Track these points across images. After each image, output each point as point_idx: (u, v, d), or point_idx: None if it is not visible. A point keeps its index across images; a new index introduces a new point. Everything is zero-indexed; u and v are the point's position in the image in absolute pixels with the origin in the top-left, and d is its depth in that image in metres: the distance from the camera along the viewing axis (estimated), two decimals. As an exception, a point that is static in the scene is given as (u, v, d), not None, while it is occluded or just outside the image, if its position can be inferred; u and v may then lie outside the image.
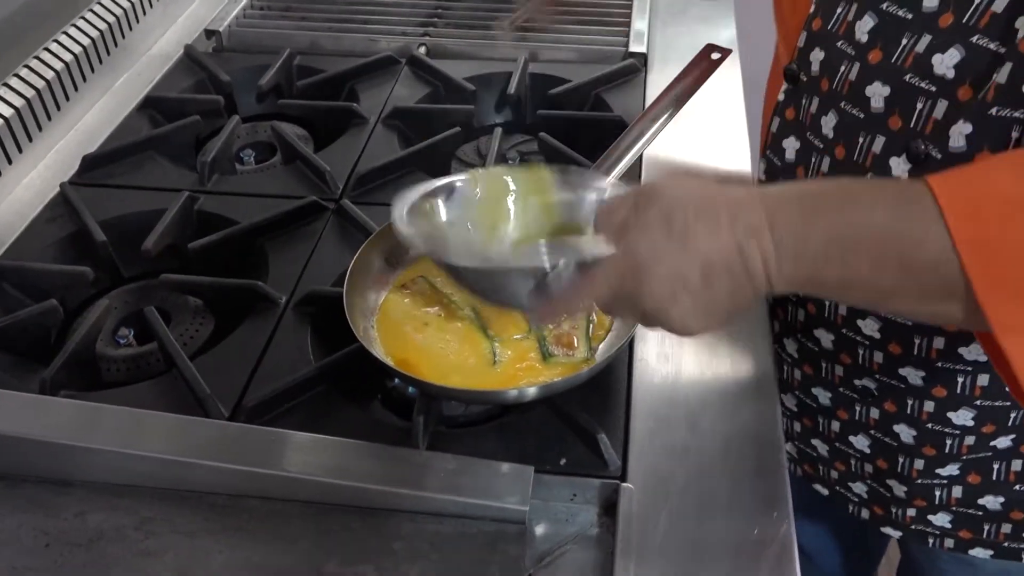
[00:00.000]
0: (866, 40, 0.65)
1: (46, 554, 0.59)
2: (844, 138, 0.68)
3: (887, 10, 0.63)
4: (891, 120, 0.65)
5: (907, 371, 0.73)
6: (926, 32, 0.61)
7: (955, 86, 0.60)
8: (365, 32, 1.18)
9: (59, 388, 0.71)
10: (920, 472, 0.78)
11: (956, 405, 0.73)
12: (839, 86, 0.67)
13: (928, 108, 0.62)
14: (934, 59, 0.61)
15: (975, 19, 0.59)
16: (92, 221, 0.86)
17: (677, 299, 0.50)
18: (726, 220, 0.49)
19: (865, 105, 0.66)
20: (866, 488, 0.84)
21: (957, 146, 0.61)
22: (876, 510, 0.85)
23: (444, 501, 0.60)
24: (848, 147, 0.68)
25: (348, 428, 0.66)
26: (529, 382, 0.67)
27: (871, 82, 0.65)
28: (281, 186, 0.92)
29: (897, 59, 0.63)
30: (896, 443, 0.78)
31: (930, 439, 0.76)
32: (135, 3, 1.13)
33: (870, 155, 0.66)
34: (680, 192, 0.51)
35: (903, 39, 0.62)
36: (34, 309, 0.78)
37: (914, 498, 0.81)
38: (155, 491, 0.63)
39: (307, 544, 0.60)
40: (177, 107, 1.04)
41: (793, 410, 0.86)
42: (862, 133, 0.67)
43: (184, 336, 0.80)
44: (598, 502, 0.63)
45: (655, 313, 0.52)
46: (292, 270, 0.81)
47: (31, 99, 0.95)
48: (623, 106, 1.02)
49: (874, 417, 0.78)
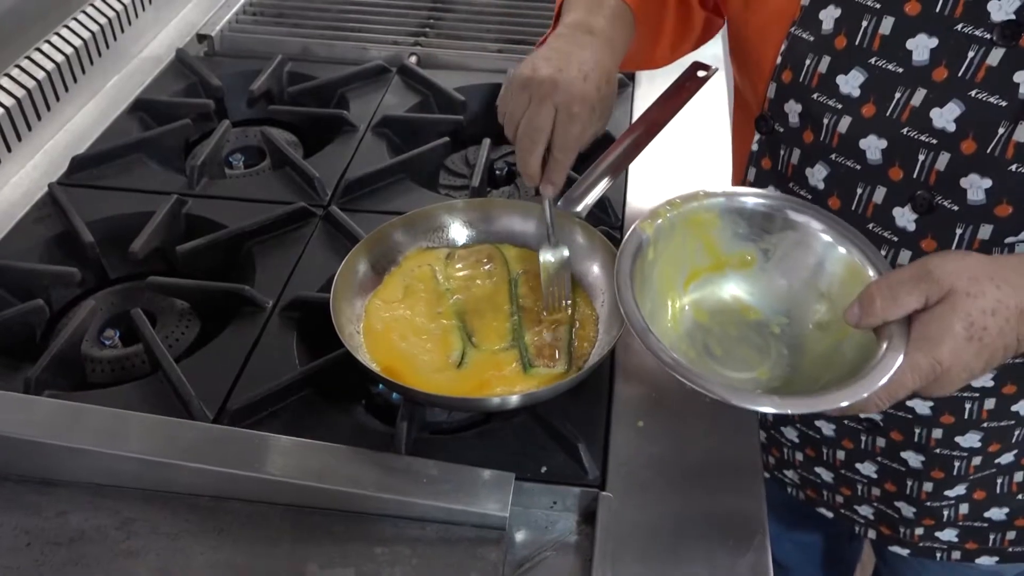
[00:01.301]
0: (858, 95, 0.64)
1: (27, 553, 0.59)
2: (839, 189, 0.68)
3: (876, 64, 0.63)
4: (891, 171, 0.65)
5: (914, 403, 0.73)
6: (920, 86, 0.61)
7: (958, 139, 0.61)
8: (357, 40, 1.19)
9: (44, 388, 0.71)
10: (929, 494, 0.79)
11: (964, 430, 0.73)
12: (827, 138, 0.67)
13: (931, 160, 0.62)
14: (932, 113, 0.61)
15: (970, 73, 0.59)
16: (80, 222, 0.86)
17: (958, 386, 0.54)
18: (1015, 320, 0.52)
19: (860, 157, 0.66)
20: (873, 510, 0.84)
21: (976, 199, 0.61)
22: (883, 530, 0.85)
23: (426, 506, 0.61)
24: (844, 198, 0.68)
25: (332, 432, 0.67)
26: (513, 389, 0.67)
27: (865, 135, 0.65)
28: (270, 191, 0.93)
29: (892, 113, 0.63)
30: (904, 468, 0.78)
31: (939, 463, 0.76)
32: (127, 6, 1.14)
33: (871, 205, 0.67)
34: (974, 289, 0.52)
35: (896, 93, 0.63)
36: (20, 308, 0.78)
37: (923, 518, 0.81)
38: (137, 492, 0.64)
39: (289, 547, 0.60)
40: (167, 110, 1.04)
41: (795, 441, 0.85)
42: (860, 184, 0.67)
43: (170, 338, 0.81)
44: (577, 510, 0.64)
45: (933, 395, 0.56)
46: (279, 275, 0.82)
47: (21, 99, 0.95)
48: (611, 120, 1.03)
49: (880, 445, 0.78)
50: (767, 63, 0.69)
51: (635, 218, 0.89)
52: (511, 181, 1.01)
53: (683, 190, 0.92)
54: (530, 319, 0.73)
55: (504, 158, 1.04)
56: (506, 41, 1.19)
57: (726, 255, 0.67)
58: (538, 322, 0.73)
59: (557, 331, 0.72)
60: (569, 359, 0.70)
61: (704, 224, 0.66)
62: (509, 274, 0.77)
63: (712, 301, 0.67)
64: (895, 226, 0.66)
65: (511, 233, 0.80)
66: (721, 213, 0.66)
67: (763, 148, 0.73)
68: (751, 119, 0.73)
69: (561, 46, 0.69)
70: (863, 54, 0.64)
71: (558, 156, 0.68)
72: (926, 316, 0.53)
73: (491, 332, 0.72)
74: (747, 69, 0.72)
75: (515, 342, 0.71)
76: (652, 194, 0.93)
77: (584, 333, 0.72)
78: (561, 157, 0.68)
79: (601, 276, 0.76)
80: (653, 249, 0.64)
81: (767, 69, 0.69)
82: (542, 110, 0.66)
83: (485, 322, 0.73)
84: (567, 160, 0.69)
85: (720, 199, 0.66)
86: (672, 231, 0.65)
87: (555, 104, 0.66)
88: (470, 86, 1.09)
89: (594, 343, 0.72)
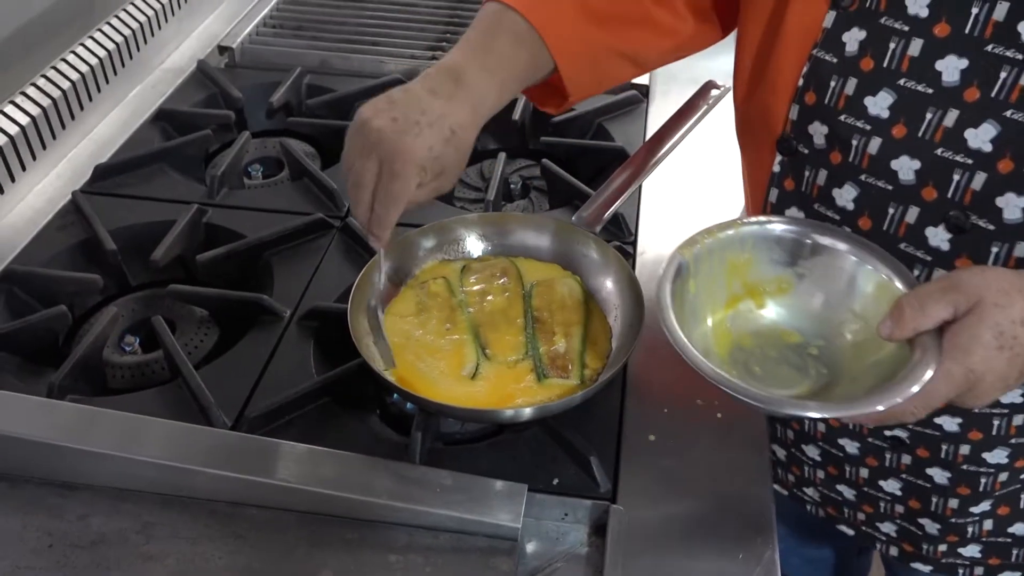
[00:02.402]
0: (887, 116, 0.64)
1: (49, 554, 0.61)
2: (869, 209, 0.68)
3: (905, 86, 0.63)
4: (924, 192, 0.64)
5: (943, 419, 0.73)
6: (952, 107, 0.61)
7: (994, 159, 0.61)
8: (374, 54, 1.21)
9: (66, 393, 0.73)
10: (955, 511, 0.79)
11: (991, 446, 0.74)
12: (856, 159, 0.67)
13: (965, 180, 0.62)
14: (967, 133, 0.61)
15: (1004, 94, 0.59)
16: (102, 230, 0.88)
17: (994, 395, 0.55)
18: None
19: (892, 178, 0.65)
20: (895, 527, 0.84)
21: (1013, 218, 0.62)
22: (906, 547, 0.85)
23: (439, 516, 0.62)
24: (875, 218, 0.68)
25: (347, 441, 0.68)
26: (525, 401, 0.68)
27: (897, 156, 0.64)
28: (288, 202, 0.95)
29: (925, 133, 0.63)
30: (930, 485, 0.78)
31: (965, 480, 0.76)
32: (151, 17, 1.16)
33: (903, 225, 0.67)
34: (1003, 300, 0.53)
35: (927, 114, 0.62)
36: (43, 314, 0.80)
37: (947, 535, 0.81)
38: (157, 496, 0.65)
39: (304, 553, 0.61)
40: (189, 121, 1.06)
41: (816, 459, 0.85)
42: (892, 204, 0.66)
43: (189, 346, 0.82)
44: (588, 522, 0.65)
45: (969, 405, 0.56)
46: (297, 285, 0.83)
47: (47, 108, 0.97)
48: (624, 136, 1.05)
49: (905, 462, 0.78)
50: (787, 85, 0.69)
51: (648, 234, 0.90)
52: (526, 195, 1.03)
53: (696, 207, 0.94)
54: (544, 331, 0.74)
55: (518, 172, 1.05)
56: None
57: (763, 281, 0.68)
58: (552, 333, 0.74)
59: (570, 343, 0.73)
60: (582, 371, 0.71)
61: (740, 252, 0.68)
62: (523, 287, 0.78)
63: (751, 325, 0.68)
64: (928, 246, 0.66)
65: (525, 247, 0.81)
66: (756, 241, 0.67)
67: (786, 169, 0.73)
68: (768, 140, 0.73)
69: (414, 91, 0.66)
70: (891, 75, 0.64)
71: (378, 211, 0.65)
72: (956, 327, 0.54)
73: (505, 344, 0.73)
74: (763, 91, 0.72)
75: (529, 353, 0.72)
76: (665, 210, 0.94)
77: (597, 347, 0.73)
78: (382, 212, 0.65)
79: (614, 291, 0.77)
80: (692, 274, 0.66)
81: (788, 91, 0.69)
82: (367, 163, 0.63)
83: (499, 334, 0.74)
84: (388, 215, 0.65)
85: (754, 227, 0.68)
86: (710, 257, 0.67)
87: (379, 158, 0.63)
88: (486, 100, 1.11)
89: (607, 357, 0.73)
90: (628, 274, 0.76)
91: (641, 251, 0.89)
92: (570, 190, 0.95)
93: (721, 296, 0.68)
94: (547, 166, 0.98)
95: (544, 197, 1.01)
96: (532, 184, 1.03)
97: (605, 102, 1.09)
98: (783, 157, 0.73)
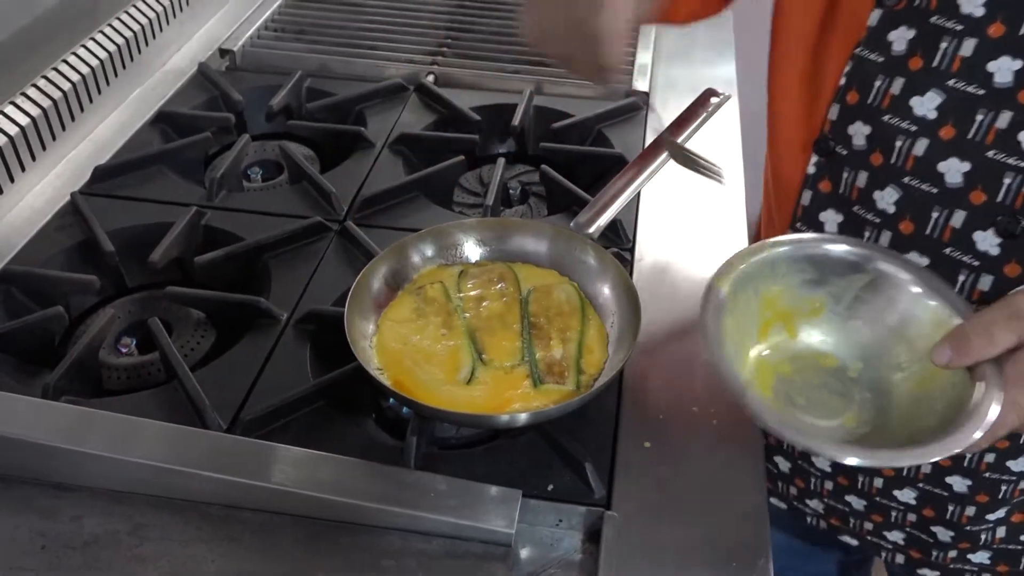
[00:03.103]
0: (934, 117, 0.63)
1: (41, 556, 0.61)
2: (912, 212, 0.67)
3: (955, 87, 0.62)
4: (972, 195, 0.63)
5: None
6: (1004, 108, 0.60)
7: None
8: (375, 58, 1.21)
9: (61, 394, 0.73)
10: (971, 519, 0.78)
11: (1017, 453, 0.73)
12: (899, 161, 0.66)
13: (1017, 183, 0.61)
14: (1021, 136, 0.60)
15: None
16: (101, 231, 0.88)
17: None
18: None
19: (938, 180, 0.64)
20: (904, 535, 0.83)
21: None
22: (913, 554, 0.83)
23: (433, 521, 0.62)
24: (918, 222, 0.67)
25: (342, 445, 0.68)
26: (521, 407, 0.68)
27: (944, 158, 0.63)
28: (287, 205, 0.95)
29: (975, 135, 0.62)
30: (947, 493, 0.77)
31: (986, 487, 0.75)
32: (153, 20, 1.16)
33: (948, 229, 0.65)
34: None
35: (977, 116, 0.61)
36: (40, 314, 0.80)
37: (960, 542, 0.80)
38: (150, 499, 0.65)
39: (298, 557, 0.61)
40: (189, 123, 1.06)
41: (825, 471, 0.84)
42: (936, 208, 0.65)
43: (185, 348, 0.82)
44: (583, 528, 0.65)
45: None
46: (294, 288, 0.83)
47: (47, 109, 0.97)
48: (624, 142, 1.05)
49: (925, 471, 0.77)
50: (828, 84, 0.68)
51: (646, 241, 0.90)
52: (525, 201, 1.03)
53: (694, 214, 0.94)
54: (540, 336, 0.74)
55: (517, 177, 1.05)
56: (522, 62, 1.20)
57: (796, 303, 0.67)
58: (548, 339, 0.74)
59: (567, 348, 0.73)
60: (578, 377, 0.71)
61: (773, 279, 0.66)
62: (520, 292, 0.78)
63: (787, 350, 0.67)
64: (976, 250, 0.65)
65: (523, 252, 0.81)
66: (789, 262, 0.66)
67: (822, 171, 0.72)
68: (803, 141, 0.71)
69: None
70: (940, 76, 0.62)
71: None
72: (1020, 354, 0.54)
73: (501, 349, 0.73)
74: (802, 89, 0.70)
75: (525, 359, 0.72)
76: (664, 217, 0.94)
77: (593, 353, 0.73)
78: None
79: (612, 297, 0.77)
80: (730, 309, 0.64)
81: (828, 90, 0.68)
82: None
83: (495, 339, 0.74)
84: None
85: (786, 248, 0.66)
86: (745, 283, 0.65)
87: None
88: (486, 105, 1.11)
89: (603, 363, 0.73)
90: (626, 281, 0.76)
91: (639, 258, 0.89)
92: (569, 196, 0.95)
93: (755, 325, 0.67)
94: (546, 172, 0.98)
95: (543, 203, 1.01)
96: (531, 190, 1.03)
97: (605, 109, 1.09)
98: (819, 158, 0.71)
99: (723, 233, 0.92)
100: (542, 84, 1.16)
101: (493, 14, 1.32)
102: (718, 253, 0.89)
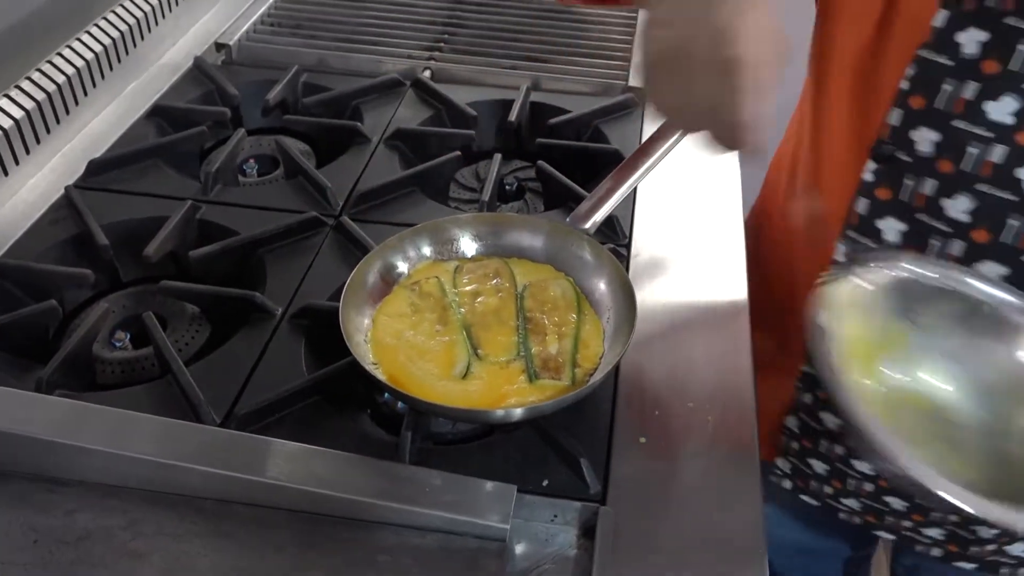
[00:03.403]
0: (1012, 122, 0.61)
1: (34, 550, 0.60)
2: (986, 221, 0.65)
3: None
4: None
5: None
6: None
7: None
8: (372, 53, 1.20)
9: (55, 388, 0.72)
10: None
11: None
12: (973, 168, 0.64)
13: None
14: None
15: None
16: (95, 224, 0.88)
17: None
18: None
19: (1016, 188, 0.63)
20: (944, 532, 0.82)
21: None
22: (951, 548, 0.83)
23: (428, 516, 0.62)
24: (993, 230, 0.65)
25: (337, 440, 0.67)
26: (517, 402, 0.68)
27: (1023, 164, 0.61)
28: (282, 200, 0.94)
29: None
30: None
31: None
32: (148, 13, 1.16)
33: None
34: None
35: None
36: (34, 308, 0.79)
37: (1001, 536, 0.79)
38: (144, 493, 0.64)
39: (292, 552, 0.61)
40: (184, 117, 1.06)
41: (867, 473, 0.83)
42: (1014, 215, 0.64)
43: (180, 342, 0.82)
44: (578, 524, 0.65)
45: None
46: (289, 283, 0.83)
47: (41, 102, 0.97)
48: (621, 139, 1.05)
49: None
50: (886, 87, 0.66)
51: (643, 236, 0.90)
52: (521, 196, 1.03)
53: (691, 210, 0.94)
54: (536, 331, 0.74)
55: (514, 173, 1.05)
56: (519, 58, 1.20)
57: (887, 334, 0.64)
58: (544, 334, 0.73)
59: (562, 344, 0.73)
60: (573, 373, 0.71)
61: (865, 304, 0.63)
62: (516, 287, 0.78)
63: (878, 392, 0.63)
64: None
65: (519, 247, 0.81)
66: (880, 291, 0.64)
67: (880, 177, 0.69)
68: (859, 147, 0.69)
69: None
70: (1018, 79, 0.61)
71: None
72: None
73: (497, 344, 0.73)
74: (857, 93, 0.68)
75: (520, 354, 0.72)
76: (660, 213, 0.94)
77: (589, 349, 0.73)
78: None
79: (607, 292, 0.76)
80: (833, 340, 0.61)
81: (887, 94, 0.66)
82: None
83: (491, 335, 0.74)
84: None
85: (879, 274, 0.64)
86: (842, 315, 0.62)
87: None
88: (483, 101, 1.11)
89: (599, 358, 0.73)
90: (622, 276, 0.76)
91: (635, 253, 0.88)
92: (565, 192, 0.95)
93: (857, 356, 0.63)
94: (542, 167, 0.98)
95: (539, 199, 1.01)
96: (527, 185, 1.03)
97: (601, 105, 1.09)
98: (877, 165, 0.69)
99: (719, 229, 0.92)
100: (539, 80, 1.15)
101: (490, 10, 1.32)
102: (714, 249, 0.89)
